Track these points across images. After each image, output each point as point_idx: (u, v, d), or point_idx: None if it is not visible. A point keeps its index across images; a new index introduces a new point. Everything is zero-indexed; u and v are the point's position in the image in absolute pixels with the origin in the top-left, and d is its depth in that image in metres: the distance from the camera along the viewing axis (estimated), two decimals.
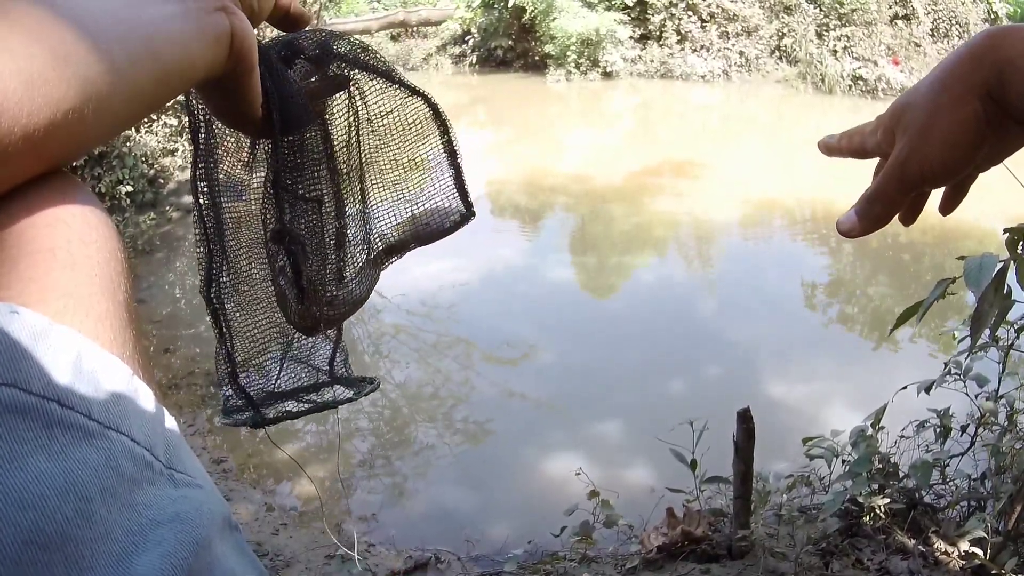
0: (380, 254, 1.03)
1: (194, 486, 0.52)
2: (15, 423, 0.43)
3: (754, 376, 5.95)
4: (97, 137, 0.62)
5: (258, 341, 0.99)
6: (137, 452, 0.48)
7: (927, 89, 0.80)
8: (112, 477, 0.46)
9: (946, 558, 3.24)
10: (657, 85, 18.73)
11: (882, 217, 0.88)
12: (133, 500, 0.46)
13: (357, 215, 1.00)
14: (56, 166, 0.59)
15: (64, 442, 0.44)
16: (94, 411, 0.47)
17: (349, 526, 4.32)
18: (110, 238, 0.59)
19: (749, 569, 3.27)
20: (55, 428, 0.44)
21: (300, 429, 5.41)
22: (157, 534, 0.46)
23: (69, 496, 0.43)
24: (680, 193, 10.87)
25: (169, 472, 0.50)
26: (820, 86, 17.11)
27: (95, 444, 0.46)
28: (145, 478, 0.48)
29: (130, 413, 0.50)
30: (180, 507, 0.49)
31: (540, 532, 3.87)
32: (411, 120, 0.99)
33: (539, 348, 6.52)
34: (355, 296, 1.01)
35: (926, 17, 18.20)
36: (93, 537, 0.43)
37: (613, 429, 5.24)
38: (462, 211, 1.03)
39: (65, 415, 0.45)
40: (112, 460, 0.46)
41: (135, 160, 8.89)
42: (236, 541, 0.56)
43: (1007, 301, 2.10)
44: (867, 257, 8.78)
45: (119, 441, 0.47)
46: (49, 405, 0.45)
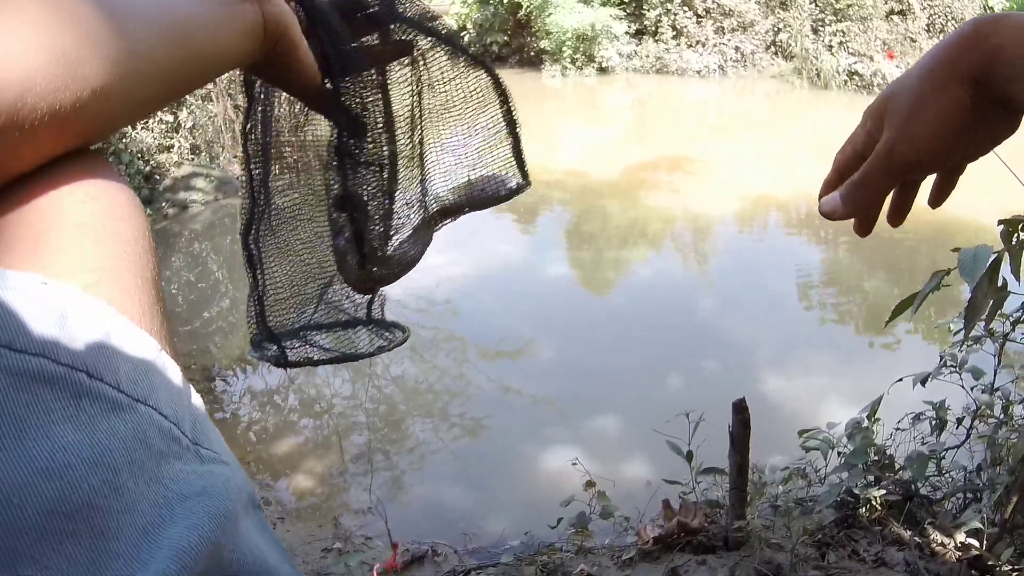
0: (435, 215, 1.03)
1: (220, 462, 0.52)
2: (42, 392, 0.43)
3: (750, 369, 5.95)
4: (125, 117, 0.62)
5: (294, 284, 1.01)
6: (165, 426, 0.48)
7: (914, 77, 0.81)
8: (140, 450, 0.46)
9: (942, 549, 3.24)
10: (653, 80, 18.72)
11: (866, 203, 0.90)
12: (160, 473, 0.46)
13: (415, 177, 1.00)
14: (84, 144, 0.59)
15: (92, 413, 0.44)
16: (123, 383, 0.47)
17: (346, 520, 4.32)
18: (138, 216, 0.60)
19: (745, 560, 3.27)
20: (83, 399, 0.44)
21: (298, 423, 5.42)
22: (184, 507, 0.46)
23: (96, 467, 0.43)
24: (676, 189, 10.87)
25: (195, 447, 0.50)
26: (816, 81, 17.12)
27: (123, 416, 0.46)
28: (172, 452, 0.48)
29: (158, 387, 0.49)
30: (207, 482, 0.49)
31: (536, 524, 3.88)
32: (472, 88, 0.98)
33: (535, 343, 6.53)
34: (409, 257, 1.00)
35: (922, 12, 18.21)
36: (119, 509, 0.43)
37: (609, 422, 5.25)
38: (519, 180, 1.03)
39: (93, 386, 0.45)
40: (140, 433, 0.46)
41: (131, 157, 8.89)
42: (259, 519, 0.56)
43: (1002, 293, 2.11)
44: (863, 251, 8.78)
45: (147, 414, 0.47)
46: (77, 375, 0.44)
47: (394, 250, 0.99)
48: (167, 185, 9.64)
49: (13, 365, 0.43)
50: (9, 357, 0.43)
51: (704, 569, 3.29)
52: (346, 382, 5.91)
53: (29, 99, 0.50)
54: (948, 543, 3.25)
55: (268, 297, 1.01)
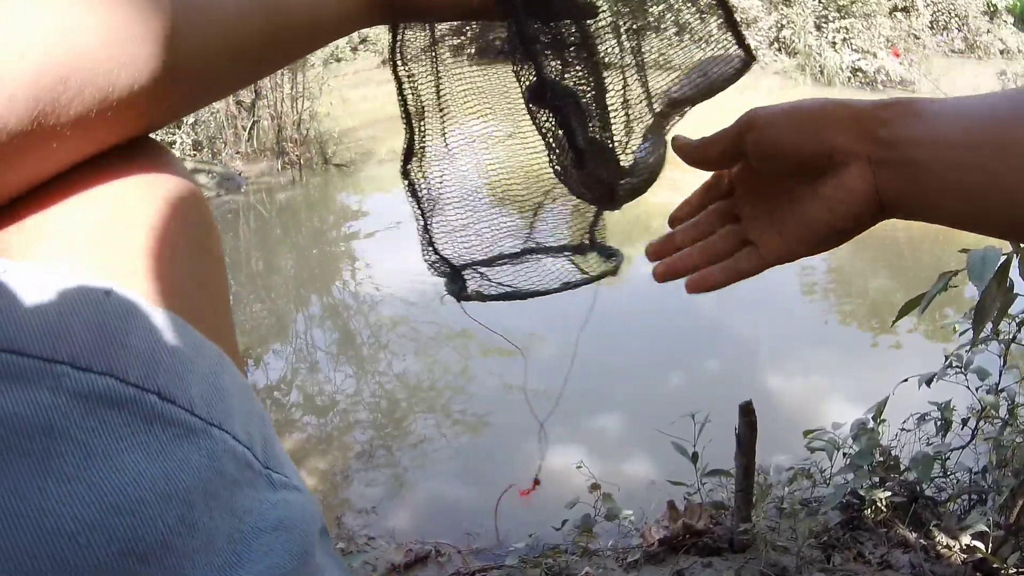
0: (665, 108, 0.92)
1: (292, 488, 0.48)
2: (111, 417, 0.39)
3: (754, 368, 5.94)
4: (193, 100, 0.57)
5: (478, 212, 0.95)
6: (239, 452, 0.44)
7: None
8: (215, 481, 0.42)
9: (948, 552, 3.24)
10: None
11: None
12: (235, 505, 0.43)
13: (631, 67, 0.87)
14: (147, 129, 0.53)
15: (164, 440, 0.40)
16: (196, 405, 0.43)
17: (348, 519, 4.31)
18: (207, 217, 0.54)
19: (751, 562, 3.26)
20: (155, 423, 0.40)
21: (299, 420, 5.41)
22: (261, 543, 0.43)
23: (171, 501, 0.39)
24: (679, 185, 10.78)
25: (267, 473, 0.47)
26: (819, 78, 17.08)
27: (197, 443, 0.42)
28: (245, 480, 0.44)
29: (232, 407, 0.45)
30: (282, 513, 0.45)
31: (541, 525, 3.87)
32: None
33: (538, 340, 6.51)
34: (650, 162, 0.91)
35: (925, 9, 18.18)
36: (195, 547, 0.40)
37: (614, 422, 5.24)
38: (742, 56, 0.89)
39: (165, 409, 0.41)
40: (215, 461, 0.42)
41: None
42: (327, 546, 0.52)
43: (1010, 295, 2.11)
44: (867, 251, 8.76)
45: (222, 440, 0.43)
46: (148, 397, 0.41)
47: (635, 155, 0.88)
48: None
49: (78, 386, 0.39)
50: (73, 377, 0.39)
51: (709, 571, 3.28)
52: (349, 378, 5.91)
53: (74, 82, 0.45)
54: (953, 545, 3.24)
55: (442, 226, 0.95)
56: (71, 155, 0.48)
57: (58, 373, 0.39)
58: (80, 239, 0.47)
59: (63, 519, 0.36)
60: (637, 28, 0.86)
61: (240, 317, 7.20)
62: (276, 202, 10.06)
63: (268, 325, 7.09)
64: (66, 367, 0.39)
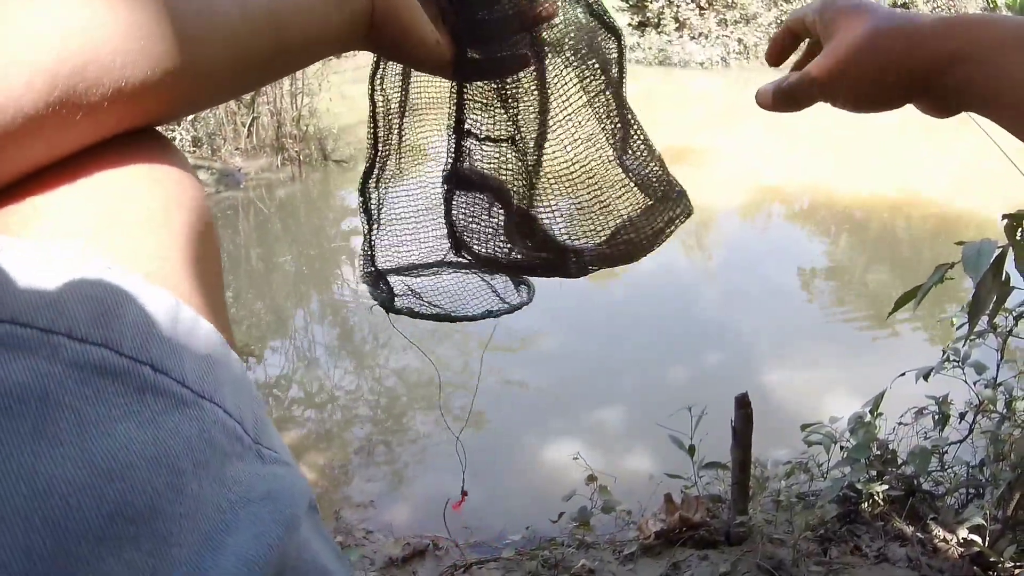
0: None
1: (281, 463, 0.50)
2: (104, 386, 0.40)
3: (752, 363, 5.94)
4: (198, 101, 0.60)
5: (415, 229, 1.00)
6: (229, 424, 0.46)
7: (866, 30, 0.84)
8: (205, 450, 0.43)
9: (945, 545, 3.24)
10: (655, 72, 18.70)
11: (790, 110, 0.99)
12: (223, 475, 0.44)
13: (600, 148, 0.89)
14: (150, 123, 0.56)
15: (156, 409, 0.42)
16: (188, 378, 0.44)
17: (347, 514, 4.32)
18: (205, 206, 0.57)
19: (747, 555, 3.27)
20: (147, 393, 0.42)
21: (299, 415, 5.42)
22: (249, 512, 0.44)
23: (160, 467, 0.40)
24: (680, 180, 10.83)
25: (257, 447, 0.48)
26: None
27: (188, 413, 0.43)
28: (235, 452, 0.46)
29: (223, 382, 0.47)
30: (271, 485, 0.47)
31: (538, 518, 3.87)
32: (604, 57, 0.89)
33: (538, 335, 6.51)
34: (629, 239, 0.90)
35: (925, 6, 18.18)
36: (183, 513, 0.41)
37: (611, 415, 5.24)
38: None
39: (158, 380, 0.43)
40: (205, 432, 0.44)
41: None
42: (316, 521, 0.54)
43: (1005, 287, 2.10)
44: (866, 245, 8.77)
45: (212, 411, 0.45)
46: (142, 368, 0.42)
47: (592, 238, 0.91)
48: None
49: (74, 356, 0.40)
50: (70, 347, 0.41)
51: (706, 564, 3.29)
52: (348, 373, 5.91)
53: (91, 72, 0.47)
54: (950, 539, 3.24)
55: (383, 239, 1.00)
56: (80, 140, 0.50)
57: (55, 344, 0.40)
58: (83, 220, 0.49)
59: (55, 481, 0.37)
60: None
61: (240, 313, 7.20)
62: (275, 198, 10.07)
63: (267, 321, 7.09)
64: (63, 338, 0.41)
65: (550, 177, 0.88)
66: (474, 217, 0.92)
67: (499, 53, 0.81)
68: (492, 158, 0.88)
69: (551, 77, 0.85)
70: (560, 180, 0.89)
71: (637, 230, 0.89)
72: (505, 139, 0.87)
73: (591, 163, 0.88)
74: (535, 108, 0.86)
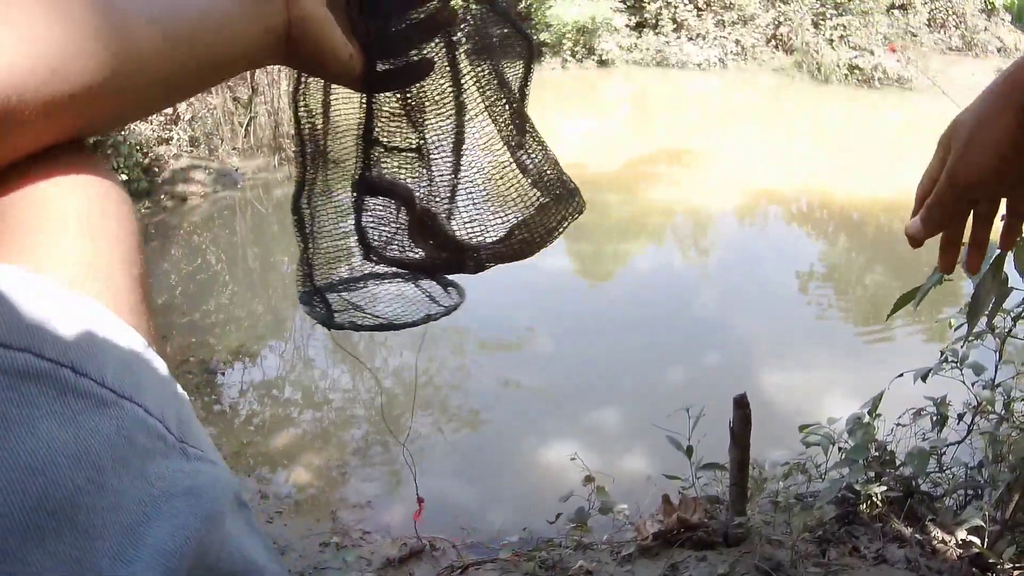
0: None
1: (206, 461, 0.51)
2: (27, 388, 0.42)
3: (751, 364, 5.94)
4: (124, 115, 0.62)
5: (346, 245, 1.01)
6: (150, 423, 0.47)
7: (976, 104, 0.91)
8: (125, 447, 0.45)
9: (943, 547, 3.23)
10: (653, 73, 18.68)
11: (939, 221, 0.99)
12: (145, 471, 0.46)
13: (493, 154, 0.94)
14: (76, 137, 0.58)
15: (77, 409, 0.43)
16: (108, 379, 0.46)
17: (344, 514, 4.31)
18: (127, 212, 0.59)
19: (745, 556, 3.26)
20: (68, 395, 0.43)
21: (296, 416, 5.41)
22: (169, 506, 0.46)
23: (81, 464, 0.42)
24: (676, 181, 10.85)
25: (182, 445, 0.50)
26: (816, 75, 17.08)
27: (108, 413, 0.45)
28: (158, 450, 0.47)
29: (144, 384, 0.49)
30: (193, 481, 0.48)
31: (535, 519, 3.87)
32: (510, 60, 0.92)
33: (535, 336, 6.52)
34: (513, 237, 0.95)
35: (923, 7, 18.19)
36: (104, 506, 0.43)
37: (609, 416, 5.24)
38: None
39: (79, 382, 0.44)
40: (124, 430, 0.45)
41: (129, 148, 8.85)
42: (247, 518, 0.55)
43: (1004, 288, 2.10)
44: (864, 246, 8.78)
45: (132, 411, 0.46)
46: (62, 371, 0.44)
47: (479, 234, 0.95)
48: (165, 177, 9.62)
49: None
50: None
51: (704, 565, 3.28)
52: (344, 374, 5.91)
53: (18, 90, 0.50)
54: (949, 540, 3.24)
55: (318, 256, 1.01)
56: (10, 155, 0.54)
57: None
58: (7, 230, 0.52)
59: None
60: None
61: (237, 313, 7.19)
62: (273, 198, 10.05)
63: (265, 322, 7.08)
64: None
65: (451, 181, 0.93)
66: (381, 221, 0.95)
67: (405, 61, 0.84)
68: (398, 166, 0.92)
69: (452, 84, 0.88)
70: (461, 183, 0.94)
71: (531, 230, 0.93)
72: (411, 149, 0.91)
73: (488, 167, 0.93)
74: (442, 116, 0.90)
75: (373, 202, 0.95)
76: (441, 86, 0.88)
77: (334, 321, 1.02)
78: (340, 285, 1.05)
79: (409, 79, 0.85)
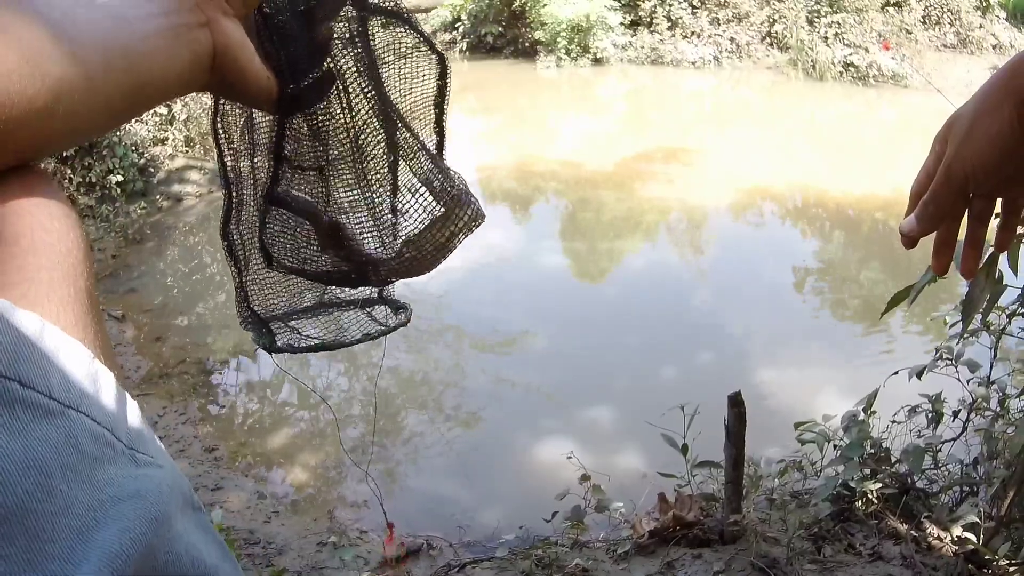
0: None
1: (155, 466, 0.53)
2: None
3: (746, 361, 5.95)
4: (67, 138, 0.64)
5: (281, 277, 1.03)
6: (97, 431, 0.49)
7: (973, 100, 0.91)
8: (72, 454, 0.47)
9: (939, 543, 3.24)
10: (648, 71, 18.67)
11: (935, 217, 0.98)
12: (94, 477, 0.47)
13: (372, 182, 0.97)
14: (24, 160, 0.60)
15: (25, 420, 0.45)
16: (54, 391, 0.48)
17: (341, 513, 4.31)
18: (72, 228, 0.60)
19: (741, 554, 3.27)
20: (16, 406, 0.45)
21: (292, 416, 5.41)
22: (117, 510, 0.47)
23: (29, 471, 0.44)
24: (671, 179, 10.84)
25: (131, 452, 0.51)
26: (811, 72, 17.07)
27: (55, 423, 0.47)
28: (106, 456, 0.49)
29: (90, 394, 0.51)
30: (140, 485, 0.50)
31: (532, 517, 3.87)
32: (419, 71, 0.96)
33: (530, 335, 6.51)
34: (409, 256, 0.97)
35: (917, 4, 18.19)
36: (53, 511, 0.44)
37: (604, 415, 5.24)
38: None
39: (26, 394, 0.46)
40: (72, 438, 0.47)
41: (125, 149, 8.84)
42: (199, 520, 0.57)
43: (998, 286, 2.10)
44: (859, 244, 8.79)
45: (79, 420, 0.48)
46: (10, 385, 0.45)
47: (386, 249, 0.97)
48: (161, 178, 9.61)
49: None
50: None
51: (700, 563, 3.29)
52: (341, 375, 5.91)
53: None
54: (945, 537, 3.24)
55: (254, 283, 1.02)
56: None
57: None
58: None
59: None
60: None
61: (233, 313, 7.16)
62: None
63: None
64: None
65: (348, 198, 0.96)
66: (284, 233, 0.97)
67: (309, 81, 0.86)
68: (303, 183, 0.95)
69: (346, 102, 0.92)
70: (352, 202, 0.96)
71: (418, 248, 0.95)
72: (314, 168, 0.94)
73: (376, 184, 0.96)
74: (344, 135, 0.92)
75: (277, 215, 0.96)
76: (339, 107, 0.91)
77: (276, 345, 1.03)
78: (280, 317, 1.06)
79: (313, 98, 0.88)
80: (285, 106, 0.85)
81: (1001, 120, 0.87)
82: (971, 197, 0.97)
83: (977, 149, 0.89)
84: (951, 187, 0.93)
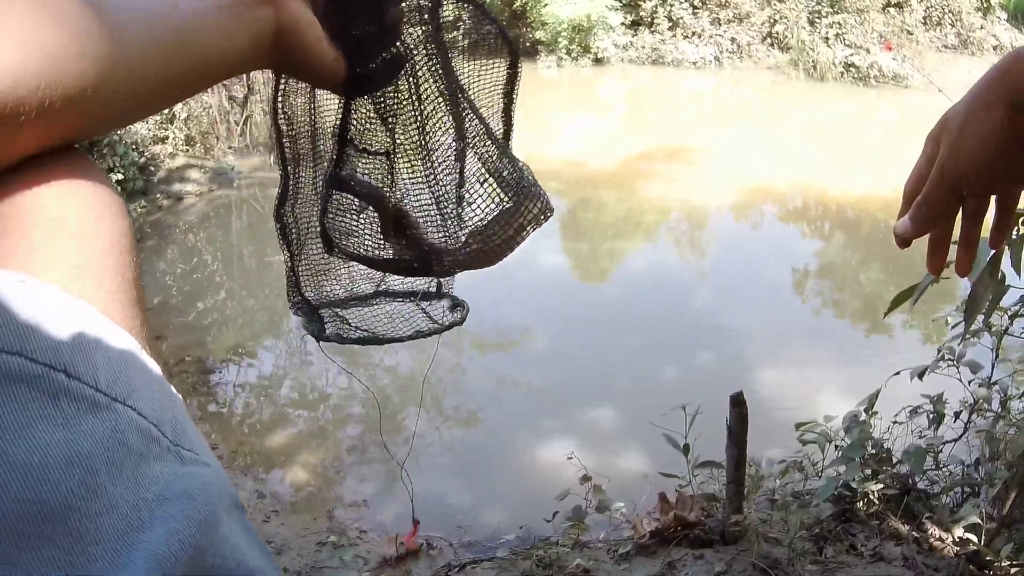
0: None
1: (201, 464, 0.51)
2: (19, 392, 0.42)
3: (747, 362, 5.94)
4: (115, 119, 0.62)
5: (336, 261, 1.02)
6: (144, 426, 0.47)
7: (964, 100, 0.91)
8: (118, 450, 0.44)
9: (940, 544, 3.24)
10: (648, 71, 18.69)
11: (929, 218, 0.97)
12: (139, 475, 0.45)
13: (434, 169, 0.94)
14: (68, 142, 0.58)
15: (70, 413, 0.43)
16: (101, 383, 0.45)
17: (341, 513, 4.31)
18: (120, 215, 0.59)
19: (742, 554, 3.26)
20: (61, 398, 0.43)
21: (292, 415, 5.40)
22: (164, 510, 0.45)
23: (74, 468, 0.42)
24: (673, 179, 10.84)
25: (176, 449, 0.49)
26: (812, 73, 17.09)
27: (101, 416, 0.44)
28: (152, 453, 0.47)
29: (138, 387, 0.48)
30: (188, 484, 0.48)
31: (532, 518, 3.86)
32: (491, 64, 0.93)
33: (531, 334, 6.51)
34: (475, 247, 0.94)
35: (919, 5, 18.21)
36: (98, 511, 0.42)
37: (605, 415, 5.24)
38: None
39: (71, 385, 0.44)
40: (118, 433, 0.45)
41: (125, 148, 8.83)
42: (242, 521, 0.55)
43: (1001, 286, 2.10)
44: (859, 243, 8.79)
45: (126, 414, 0.46)
46: (55, 375, 0.43)
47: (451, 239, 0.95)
48: (161, 176, 9.60)
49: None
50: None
51: (701, 563, 3.28)
52: (340, 374, 5.90)
53: (16, 93, 0.50)
54: (946, 538, 3.24)
55: (307, 268, 1.01)
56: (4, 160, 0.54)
57: None
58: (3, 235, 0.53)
59: None
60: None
61: (233, 312, 7.18)
62: (268, 196, 10.03)
63: (260, 320, 7.07)
64: None
65: (414, 185, 0.94)
66: (346, 218, 0.95)
67: (379, 63, 0.84)
68: (368, 167, 0.93)
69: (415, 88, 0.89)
70: (417, 189, 0.94)
71: (485, 239, 0.92)
72: (380, 152, 0.92)
73: (443, 172, 0.93)
74: (412, 120, 0.90)
75: (340, 199, 0.95)
76: (408, 90, 0.89)
77: (324, 333, 1.02)
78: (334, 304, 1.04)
79: (381, 80, 0.86)
80: (352, 87, 0.84)
81: (992, 119, 0.87)
82: (964, 196, 0.97)
83: (969, 148, 0.89)
84: (944, 187, 0.94)
